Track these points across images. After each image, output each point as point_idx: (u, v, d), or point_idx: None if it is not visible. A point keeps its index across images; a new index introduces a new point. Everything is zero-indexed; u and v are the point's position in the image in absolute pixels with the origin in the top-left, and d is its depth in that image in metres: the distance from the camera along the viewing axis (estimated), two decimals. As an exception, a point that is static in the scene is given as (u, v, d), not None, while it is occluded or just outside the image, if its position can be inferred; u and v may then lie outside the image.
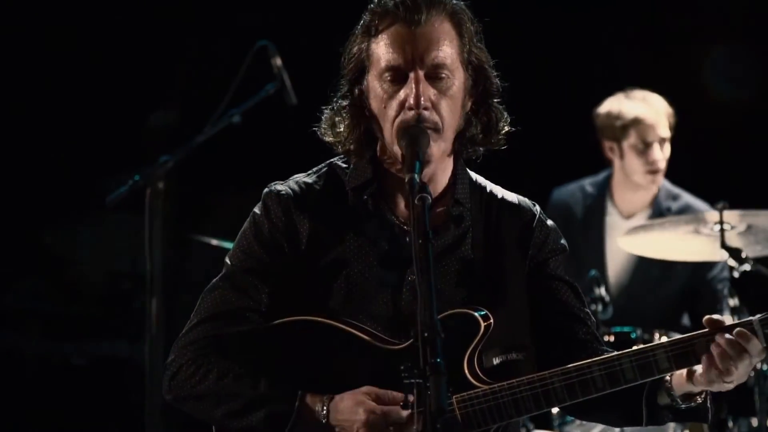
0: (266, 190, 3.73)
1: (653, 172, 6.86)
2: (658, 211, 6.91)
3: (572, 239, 6.91)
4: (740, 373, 3.40)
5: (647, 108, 6.83)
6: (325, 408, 3.46)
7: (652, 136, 6.82)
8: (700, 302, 6.78)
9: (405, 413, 3.41)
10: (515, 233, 3.72)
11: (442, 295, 3.49)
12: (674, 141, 6.90)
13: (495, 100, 3.68)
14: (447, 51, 3.56)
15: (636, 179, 6.90)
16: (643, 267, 6.83)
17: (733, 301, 6.07)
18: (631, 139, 6.86)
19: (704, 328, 3.44)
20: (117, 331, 7.48)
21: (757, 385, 5.98)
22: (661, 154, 6.83)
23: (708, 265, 6.76)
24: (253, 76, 5.61)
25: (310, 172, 3.79)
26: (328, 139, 3.71)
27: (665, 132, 6.82)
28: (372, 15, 3.61)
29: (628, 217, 6.99)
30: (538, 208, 3.80)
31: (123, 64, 7.34)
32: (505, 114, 3.70)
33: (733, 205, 6.06)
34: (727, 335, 3.39)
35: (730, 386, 3.43)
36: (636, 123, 6.84)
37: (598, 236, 7.00)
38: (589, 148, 7.02)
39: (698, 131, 7.51)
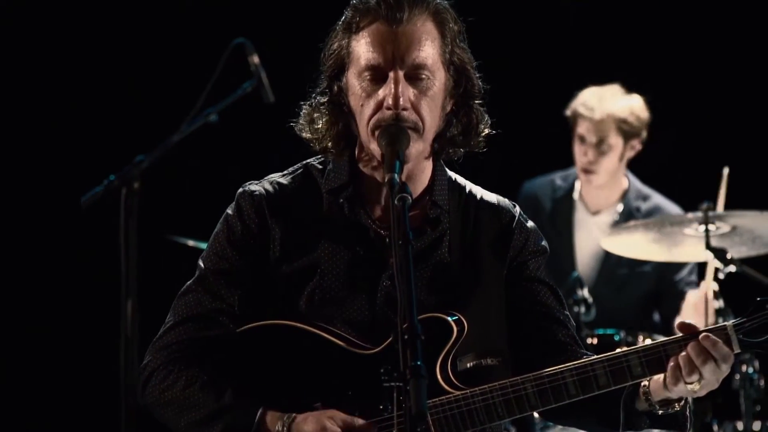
0: (240, 190, 3.67)
1: (583, 171, 6.80)
2: (627, 210, 6.85)
3: (542, 232, 6.87)
4: (709, 380, 3.33)
5: (593, 104, 6.73)
6: (285, 427, 3.40)
7: (588, 135, 6.73)
8: (663, 303, 6.73)
9: None
10: (494, 235, 3.66)
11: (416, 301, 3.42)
12: (663, 140, 6.84)
13: (476, 102, 3.61)
14: (428, 51, 3.49)
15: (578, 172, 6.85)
16: (611, 265, 6.77)
17: (718, 303, 6.04)
18: (576, 130, 6.80)
19: (674, 330, 3.38)
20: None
21: (742, 389, 5.97)
22: (589, 157, 6.73)
23: (675, 267, 6.69)
24: (229, 75, 5.55)
25: (285, 172, 3.72)
26: (306, 135, 3.64)
27: (602, 135, 6.71)
28: (354, 11, 3.54)
29: (595, 213, 6.93)
30: (518, 209, 3.74)
31: (100, 63, 7.27)
32: (486, 116, 3.63)
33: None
34: (697, 341, 3.32)
35: (699, 393, 3.35)
36: (577, 115, 6.78)
37: (567, 230, 6.94)
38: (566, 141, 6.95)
39: (684, 131, 7.48)
